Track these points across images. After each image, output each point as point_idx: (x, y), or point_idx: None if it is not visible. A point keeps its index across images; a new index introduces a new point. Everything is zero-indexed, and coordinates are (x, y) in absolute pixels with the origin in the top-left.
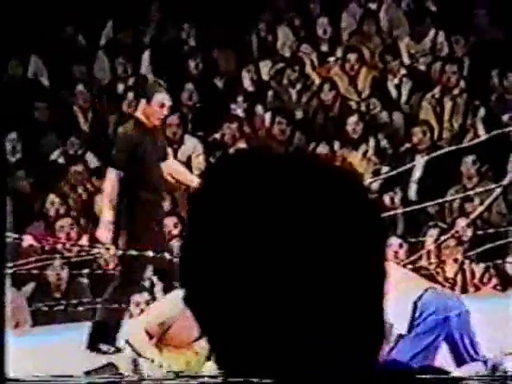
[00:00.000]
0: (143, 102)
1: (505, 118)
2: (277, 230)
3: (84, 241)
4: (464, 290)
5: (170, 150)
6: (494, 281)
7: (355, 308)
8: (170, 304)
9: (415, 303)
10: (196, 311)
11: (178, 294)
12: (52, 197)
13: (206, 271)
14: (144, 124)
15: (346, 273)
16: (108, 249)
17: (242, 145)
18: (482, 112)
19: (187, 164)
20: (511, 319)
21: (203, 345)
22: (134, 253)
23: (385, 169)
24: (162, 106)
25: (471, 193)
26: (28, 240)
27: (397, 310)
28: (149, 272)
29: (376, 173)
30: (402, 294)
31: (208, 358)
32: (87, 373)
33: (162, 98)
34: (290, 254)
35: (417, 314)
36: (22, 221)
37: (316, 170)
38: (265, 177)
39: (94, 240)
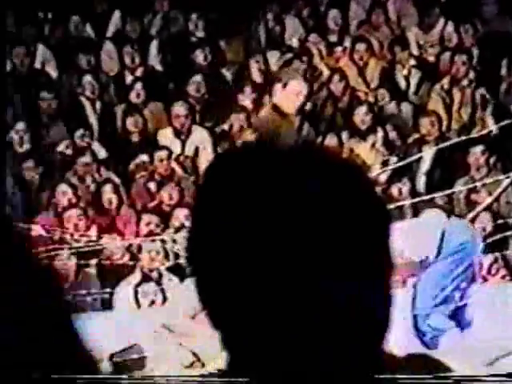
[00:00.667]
0: (279, 87)
1: None
2: (284, 221)
3: (92, 231)
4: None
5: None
6: (503, 271)
7: (361, 299)
8: None
9: (443, 231)
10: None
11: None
12: (60, 187)
13: (212, 262)
14: (281, 110)
15: (351, 264)
16: None
17: (249, 136)
18: (490, 103)
19: (195, 154)
20: None
21: None
22: None
23: (393, 160)
24: (298, 93)
25: (479, 184)
26: (37, 230)
27: (424, 237)
28: (156, 263)
29: (384, 164)
30: (426, 220)
31: None
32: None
33: (298, 84)
34: (297, 245)
35: (444, 242)
36: (32, 211)
37: (323, 162)
38: (272, 168)
39: (102, 230)
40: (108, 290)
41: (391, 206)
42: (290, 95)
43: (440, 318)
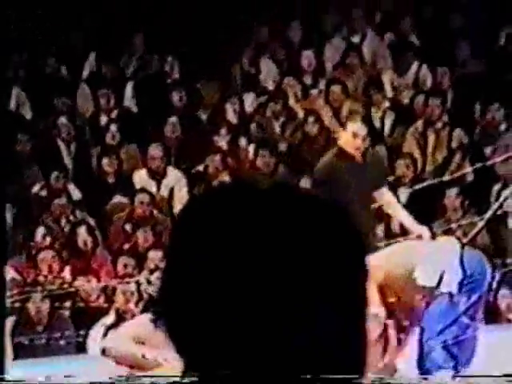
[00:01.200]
0: (341, 130)
1: (488, 150)
2: (260, 262)
3: (66, 273)
4: None
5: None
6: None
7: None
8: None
9: (462, 262)
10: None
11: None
12: (35, 229)
13: (185, 304)
14: (347, 153)
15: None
16: None
17: (225, 177)
18: (465, 145)
19: (170, 196)
20: None
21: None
22: None
23: None
24: (355, 135)
25: (455, 225)
26: (10, 273)
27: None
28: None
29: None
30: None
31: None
32: None
33: (357, 127)
34: (273, 286)
35: (465, 273)
36: (4, 254)
37: (299, 202)
38: (248, 210)
39: (76, 272)
40: (82, 332)
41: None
42: (351, 137)
43: (440, 352)
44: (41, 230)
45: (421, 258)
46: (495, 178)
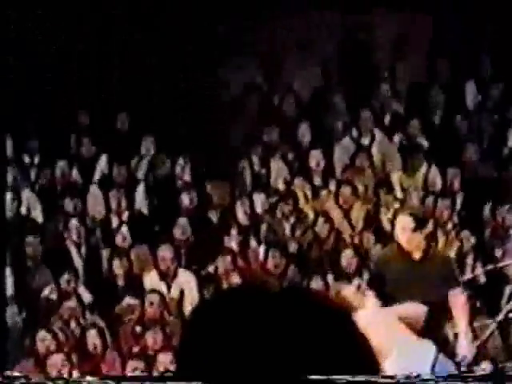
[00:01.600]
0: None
1: (498, 253)
2: (270, 365)
3: (75, 376)
4: None
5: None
6: None
7: None
8: None
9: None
10: None
11: None
12: (44, 333)
13: None
14: (404, 249)
15: None
16: None
17: (235, 278)
18: (475, 247)
19: (180, 298)
20: None
21: None
22: None
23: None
24: (404, 229)
25: None
26: (17, 378)
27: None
28: None
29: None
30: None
31: None
32: None
33: (403, 222)
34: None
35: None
36: (12, 358)
37: (309, 305)
38: (258, 312)
39: (85, 375)
40: None
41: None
42: (400, 231)
43: None
44: (50, 334)
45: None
46: (506, 280)
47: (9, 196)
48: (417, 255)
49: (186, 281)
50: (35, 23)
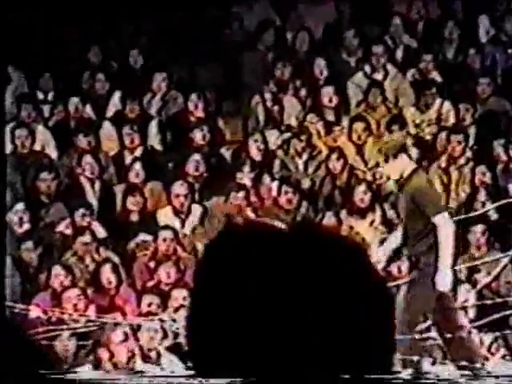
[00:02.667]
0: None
1: (511, 187)
2: (285, 300)
3: (91, 311)
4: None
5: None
6: (503, 351)
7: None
8: None
9: None
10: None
11: None
12: (59, 267)
13: (212, 340)
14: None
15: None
16: None
17: (248, 214)
18: (487, 181)
19: (193, 234)
20: None
21: None
22: None
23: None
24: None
25: (478, 262)
26: (35, 311)
27: None
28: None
29: (383, 242)
30: None
31: None
32: None
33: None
34: (297, 325)
35: None
36: (30, 292)
37: (322, 241)
38: (272, 247)
39: (101, 310)
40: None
41: (390, 284)
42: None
43: None
44: (65, 269)
45: None
46: None
47: (24, 132)
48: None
49: (200, 217)
50: None
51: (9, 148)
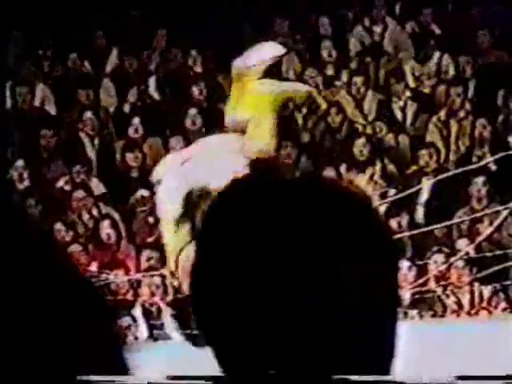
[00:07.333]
0: None
1: (511, 139)
2: (288, 254)
3: (93, 267)
4: (471, 313)
5: None
6: (503, 304)
7: (365, 334)
8: None
9: None
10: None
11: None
12: (59, 224)
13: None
14: None
15: (356, 296)
16: None
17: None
18: (487, 134)
19: None
20: None
21: None
22: None
23: (392, 192)
24: None
25: (479, 214)
26: None
27: None
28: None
29: (383, 196)
30: None
31: None
32: None
33: None
34: (299, 281)
35: None
36: None
37: (325, 193)
38: (273, 202)
39: (102, 266)
40: None
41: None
42: None
43: None
44: (65, 225)
45: None
46: None
47: (24, 89)
48: None
49: None
50: None
51: (8, 104)
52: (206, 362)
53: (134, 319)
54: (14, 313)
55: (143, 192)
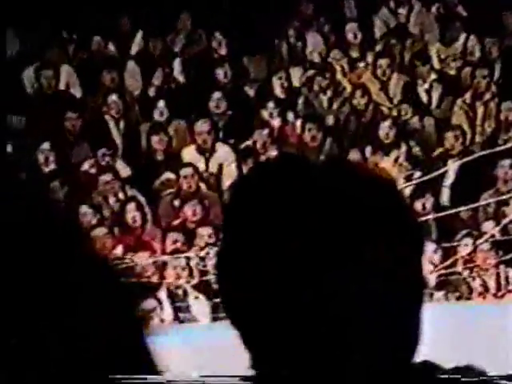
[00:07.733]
0: None
1: None
2: (312, 237)
3: (118, 250)
4: (498, 295)
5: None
6: None
7: (390, 314)
8: None
9: None
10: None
11: None
12: (85, 207)
13: (240, 278)
14: None
15: (382, 279)
16: None
17: (273, 152)
18: None
19: (219, 172)
20: None
21: None
22: None
23: (417, 174)
24: None
25: (505, 197)
26: None
27: None
28: (182, 280)
29: (408, 178)
30: None
31: None
32: None
33: None
34: (325, 262)
35: None
36: None
37: (351, 176)
38: (298, 184)
39: (127, 249)
40: None
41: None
42: None
43: None
44: (91, 208)
45: None
46: None
47: (49, 72)
48: None
49: (225, 155)
50: None
51: (34, 88)
52: (230, 344)
53: (160, 301)
54: (38, 295)
55: (169, 175)
